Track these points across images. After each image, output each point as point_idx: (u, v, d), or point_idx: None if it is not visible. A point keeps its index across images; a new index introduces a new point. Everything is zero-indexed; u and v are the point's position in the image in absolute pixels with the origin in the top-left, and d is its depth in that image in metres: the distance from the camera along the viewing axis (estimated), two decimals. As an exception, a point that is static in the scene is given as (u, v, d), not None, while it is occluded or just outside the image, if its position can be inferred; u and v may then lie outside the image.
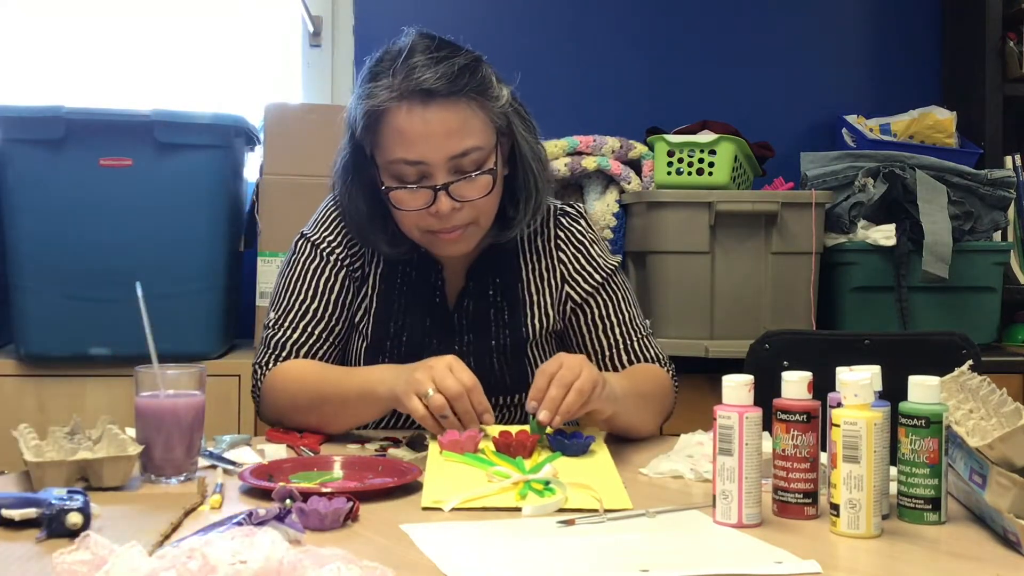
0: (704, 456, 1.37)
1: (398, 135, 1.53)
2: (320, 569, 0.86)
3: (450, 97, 1.52)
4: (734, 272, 2.54)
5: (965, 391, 1.27)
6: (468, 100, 1.54)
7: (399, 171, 1.55)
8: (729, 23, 3.15)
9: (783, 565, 1.00)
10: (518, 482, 1.26)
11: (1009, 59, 2.92)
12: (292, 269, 1.69)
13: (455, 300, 1.68)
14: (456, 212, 1.55)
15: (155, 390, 1.34)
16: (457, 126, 1.53)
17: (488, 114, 1.56)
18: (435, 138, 1.52)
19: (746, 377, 1.16)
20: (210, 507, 1.18)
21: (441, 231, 1.57)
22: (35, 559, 1.00)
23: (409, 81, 1.52)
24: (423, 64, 1.53)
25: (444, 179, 1.54)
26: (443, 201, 1.54)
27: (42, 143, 2.33)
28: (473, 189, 1.56)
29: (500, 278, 1.69)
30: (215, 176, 2.42)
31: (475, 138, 1.55)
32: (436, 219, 1.56)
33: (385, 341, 1.66)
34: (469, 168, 1.55)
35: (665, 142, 2.61)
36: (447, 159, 1.53)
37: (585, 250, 1.72)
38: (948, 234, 2.54)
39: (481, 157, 1.56)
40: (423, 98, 1.52)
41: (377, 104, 1.54)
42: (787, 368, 1.20)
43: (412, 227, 1.59)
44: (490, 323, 1.68)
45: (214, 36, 3.02)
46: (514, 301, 1.69)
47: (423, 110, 1.52)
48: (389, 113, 1.53)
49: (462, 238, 1.59)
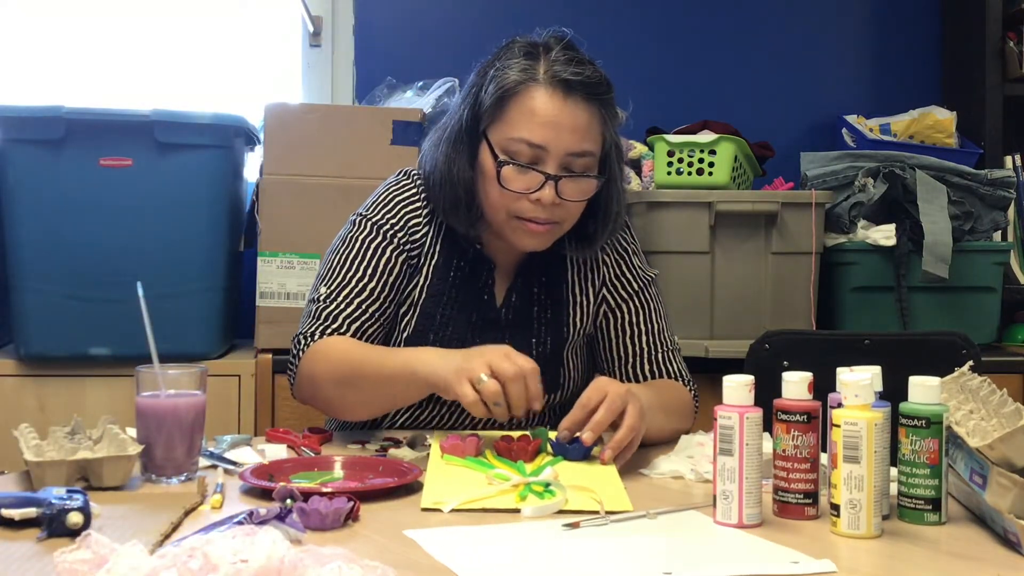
0: (705, 456, 1.37)
1: (530, 115, 1.56)
2: (321, 568, 0.86)
3: (587, 98, 1.58)
4: (734, 272, 2.54)
5: (965, 391, 1.27)
6: (598, 108, 1.60)
7: (516, 149, 1.57)
8: (729, 23, 3.15)
9: (799, 565, 1.00)
10: (518, 484, 1.26)
11: (1009, 59, 2.92)
12: (349, 247, 1.67)
13: (503, 297, 1.69)
14: (553, 207, 1.58)
15: (156, 390, 1.34)
16: (584, 126, 1.58)
17: (606, 129, 1.62)
18: (563, 129, 1.56)
19: (746, 377, 1.16)
20: (211, 507, 1.19)
21: (532, 220, 1.58)
22: (36, 558, 1.00)
23: (552, 68, 1.58)
24: (565, 59, 1.59)
25: (555, 171, 1.57)
26: (548, 190, 1.56)
27: (42, 143, 2.33)
28: (576, 190, 1.59)
29: (546, 277, 1.71)
30: (215, 176, 2.42)
31: (592, 144, 1.59)
32: (532, 206, 1.57)
33: (428, 333, 1.66)
34: (578, 170, 1.58)
35: (665, 142, 2.61)
36: (565, 153, 1.57)
37: (627, 258, 1.75)
38: (948, 234, 2.54)
39: (591, 164, 1.60)
40: (564, 88, 1.57)
41: (515, 81, 1.58)
42: (787, 368, 1.20)
43: (502, 208, 1.59)
44: (533, 321, 1.69)
45: (214, 36, 3.02)
46: (558, 301, 1.71)
47: (563, 99, 1.57)
48: (525, 92, 1.57)
49: (546, 234, 1.61)
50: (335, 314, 1.63)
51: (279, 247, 2.47)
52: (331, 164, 2.50)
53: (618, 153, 1.67)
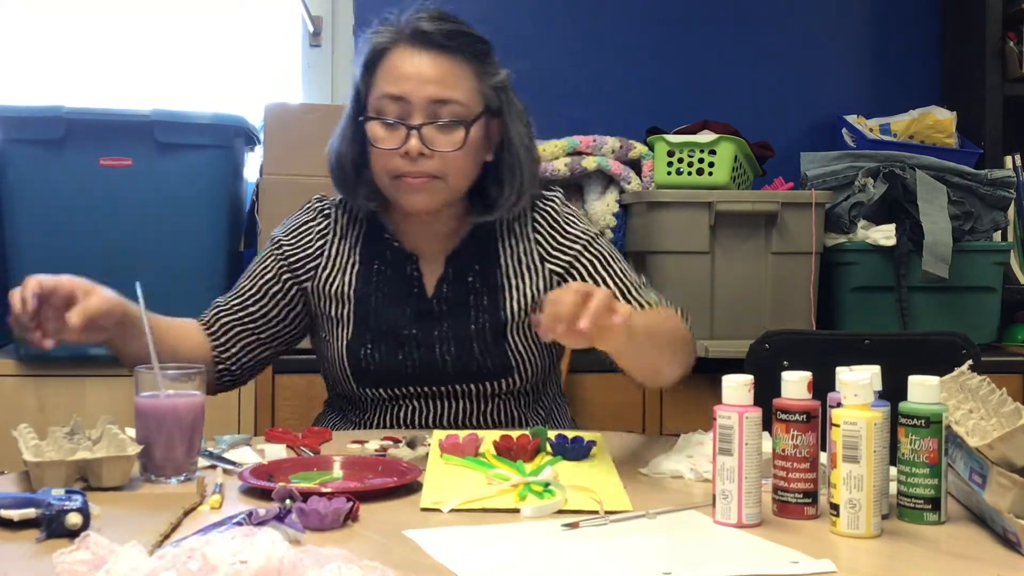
0: (704, 456, 1.37)
1: (389, 70, 1.62)
2: (320, 569, 0.86)
3: (446, 48, 1.61)
4: (734, 272, 2.54)
5: (965, 391, 1.27)
6: (463, 59, 1.63)
7: (382, 107, 1.62)
8: (729, 23, 3.15)
9: (799, 565, 1.00)
10: (518, 484, 1.26)
11: (1009, 59, 2.92)
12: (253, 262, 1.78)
13: (433, 288, 1.70)
14: (425, 158, 1.59)
15: (155, 390, 1.34)
16: (443, 75, 1.61)
17: (479, 82, 1.63)
18: (421, 80, 1.60)
19: (746, 377, 1.16)
20: (210, 507, 1.19)
21: (408, 174, 1.60)
22: (35, 559, 1.00)
23: (411, 25, 1.62)
24: (427, 16, 1.63)
25: (420, 121, 1.59)
26: (413, 141, 1.59)
27: (42, 143, 2.33)
28: (446, 139, 1.61)
29: (479, 264, 1.71)
30: (215, 176, 2.42)
31: (459, 93, 1.62)
32: (404, 161, 1.60)
33: (366, 334, 1.68)
34: (445, 118, 1.60)
35: (665, 142, 2.61)
36: (427, 101, 1.60)
37: (560, 225, 1.73)
38: (948, 234, 2.54)
39: (460, 112, 1.61)
40: (421, 40, 1.61)
41: (377, 43, 1.64)
42: (787, 368, 1.20)
43: (382, 171, 1.63)
44: (469, 308, 1.69)
45: (214, 36, 3.02)
46: (493, 285, 1.70)
47: (418, 51, 1.61)
48: (387, 52, 1.63)
49: (426, 188, 1.61)
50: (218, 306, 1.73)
51: (279, 247, 2.47)
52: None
53: (515, 113, 1.67)
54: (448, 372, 1.67)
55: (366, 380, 1.68)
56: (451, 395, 1.69)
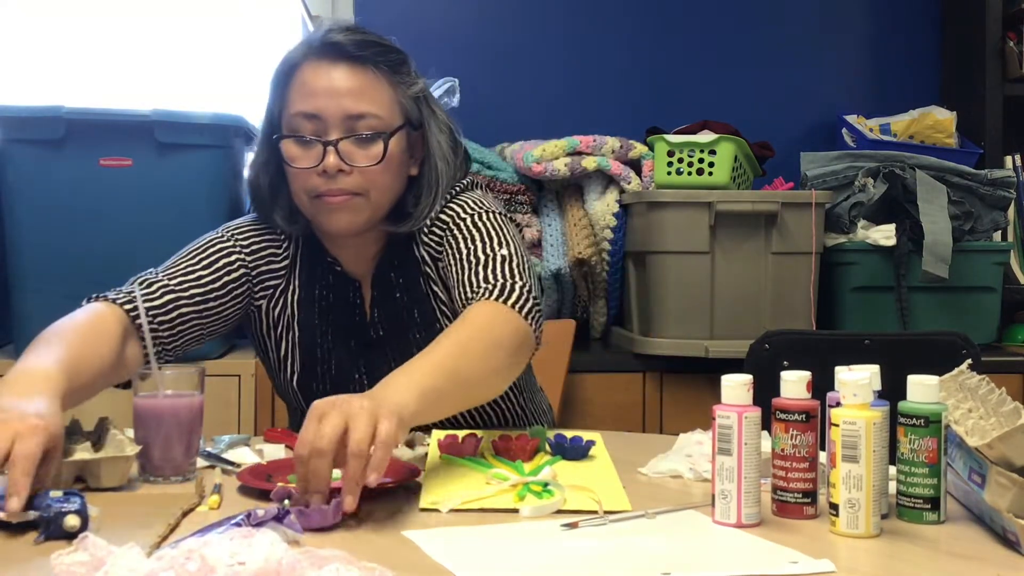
0: (703, 456, 1.37)
1: (301, 87, 1.56)
2: (319, 570, 0.86)
3: (358, 60, 1.55)
4: (734, 272, 2.54)
5: (964, 390, 1.27)
6: (376, 70, 1.56)
7: (296, 124, 1.55)
8: (729, 23, 3.15)
9: (798, 565, 1.00)
10: (517, 484, 1.26)
11: (1009, 59, 2.92)
12: (194, 243, 1.66)
13: (369, 314, 1.65)
14: (344, 176, 1.53)
15: (154, 390, 1.34)
16: (358, 88, 1.54)
17: (395, 93, 1.58)
18: (334, 94, 1.54)
19: (745, 377, 1.16)
20: (208, 507, 1.18)
21: (327, 193, 1.54)
22: (34, 560, 1.00)
23: (322, 40, 1.56)
24: (339, 30, 1.57)
25: (336, 136, 1.53)
26: (331, 157, 1.52)
27: (42, 143, 2.33)
28: (364, 154, 1.54)
29: (402, 278, 1.64)
30: (215, 176, 2.42)
31: (375, 106, 1.55)
32: (323, 180, 1.53)
33: (316, 368, 1.64)
34: (362, 131, 1.54)
35: (665, 142, 2.61)
36: (343, 117, 1.53)
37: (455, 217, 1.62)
38: (948, 234, 2.54)
39: (378, 125, 1.55)
40: (332, 53, 1.55)
41: (289, 61, 1.58)
42: (787, 368, 1.20)
43: (301, 192, 1.56)
44: (404, 326, 1.63)
45: (214, 36, 3.02)
46: (418, 296, 1.63)
47: (330, 66, 1.55)
48: (298, 68, 1.57)
49: (348, 206, 1.54)
50: (152, 282, 1.57)
51: (279, 247, 2.47)
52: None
53: (435, 123, 1.62)
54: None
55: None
56: None
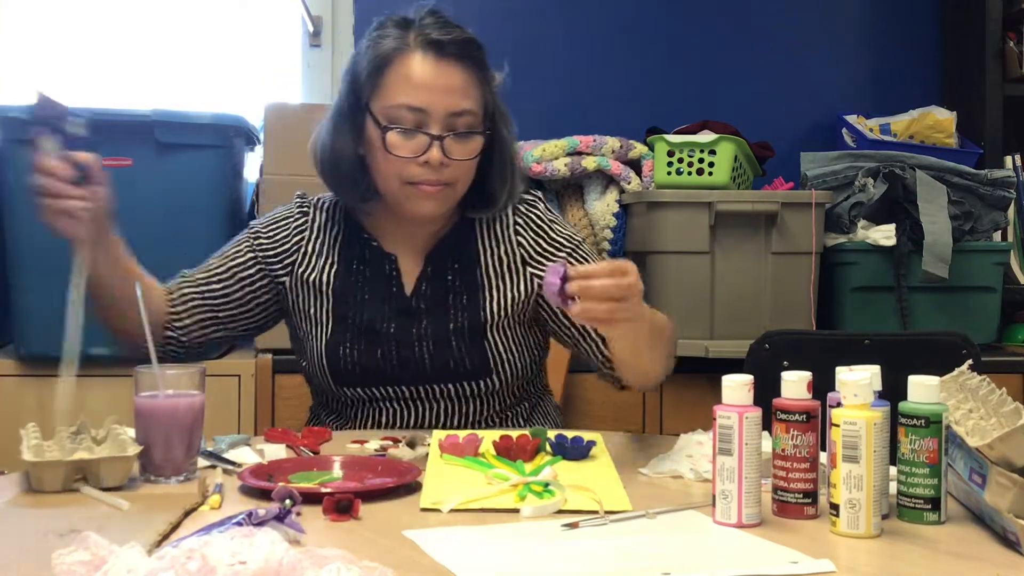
0: (704, 456, 1.37)
1: (405, 80, 1.60)
2: (320, 570, 0.86)
3: (459, 58, 1.62)
4: (734, 272, 2.54)
5: (965, 391, 1.27)
6: (473, 68, 1.63)
7: (398, 116, 1.61)
8: (729, 23, 3.15)
9: (799, 565, 1.00)
10: (517, 484, 1.26)
11: (1009, 59, 2.92)
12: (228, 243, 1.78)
13: (413, 287, 1.70)
14: (443, 167, 1.61)
15: (155, 390, 1.34)
16: (460, 86, 1.62)
17: (483, 89, 1.65)
18: (440, 90, 1.60)
19: (746, 377, 1.16)
20: (209, 507, 1.18)
21: (424, 183, 1.61)
22: (34, 560, 1.00)
23: (423, 33, 1.61)
24: (435, 23, 1.63)
25: (439, 132, 1.60)
26: (435, 151, 1.59)
27: (42, 143, 2.32)
28: (463, 149, 1.62)
29: (458, 263, 1.71)
30: (215, 176, 2.41)
31: (472, 103, 1.63)
32: (422, 169, 1.60)
33: (345, 333, 1.68)
34: (461, 128, 1.62)
35: (665, 142, 2.61)
36: (446, 114, 1.60)
37: (546, 232, 1.75)
38: (948, 234, 2.54)
39: (474, 123, 1.63)
40: (436, 50, 1.61)
41: (389, 49, 1.62)
42: (787, 368, 1.20)
43: (394, 176, 1.62)
44: (448, 306, 1.69)
45: (214, 36, 3.02)
46: (472, 285, 1.70)
47: (435, 60, 1.61)
48: (399, 59, 1.61)
49: (439, 196, 1.63)
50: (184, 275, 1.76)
51: (279, 247, 2.47)
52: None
53: (502, 115, 1.70)
54: (427, 371, 1.66)
55: (345, 379, 1.67)
56: (431, 396, 1.68)
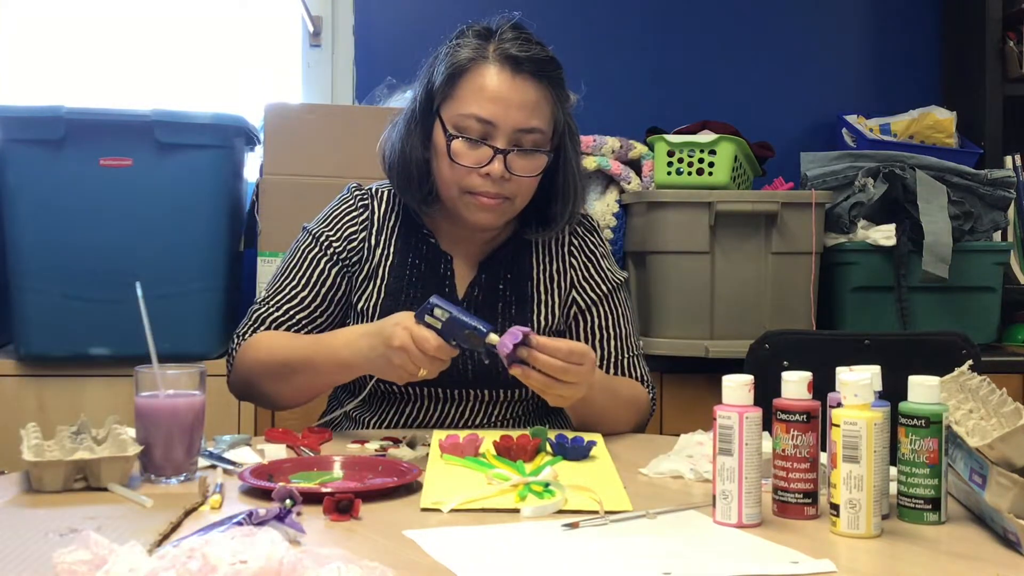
0: (704, 456, 1.37)
1: (479, 91, 1.61)
2: (320, 569, 0.86)
3: (535, 76, 1.62)
4: (734, 272, 2.54)
5: (965, 391, 1.27)
6: (548, 86, 1.63)
7: (465, 125, 1.61)
8: (729, 23, 3.15)
9: (799, 565, 1.00)
10: (518, 484, 1.26)
11: (1009, 59, 2.92)
12: (291, 257, 1.75)
13: (465, 291, 1.71)
14: (503, 181, 1.61)
15: (155, 390, 1.34)
16: (532, 102, 1.62)
17: (556, 108, 1.65)
18: (512, 105, 1.60)
19: (746, 377, 1.16)
20: (210, 507, 1.18)
21: (483, 194, 1.62)
22: (34, 560, 1.00)
23: (502, 47, 1.62)
24: (515, 39, 1.63)
25: (505, 146, 1.60)
26: (497, 164, 1.60)
27: (42, 143, 2.32)
28: (526, 165, 1.63)
29: (511, 273, 1.73)
30: (215, 176, 2.41)
31: (541, 121, 1.63)
32: (483, 181, 1.61)
33: None
34: (528, 145, 1.62)
35: (665, 142, 2.61)
36: (514, 129, 1.61)
37: (596, 261, 1.78)
38: (948, 234, 2.54)
39: (541, 141, 1.64)
40: (513, 65, 1.61)
41: (465, 59, 1.62)
42: (787, 368, 1.20)
43: (454, 183, 1.63)
44: (497, 315, 1.70)
45: (214, 36, 3.02)
46: (523, 297, 1.72)
47: (511, 75, 1.61)
48: (475, 69, 1.62)
49: (497, 209, 1.64)
50: (263, 316, 1.70)
51: (279, 247, 2.47)
52: (331, 164, 2.50)
53: (572, 136, 1.70)
54: (467, 376, 1.67)
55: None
56: (464, 397, 1.70)
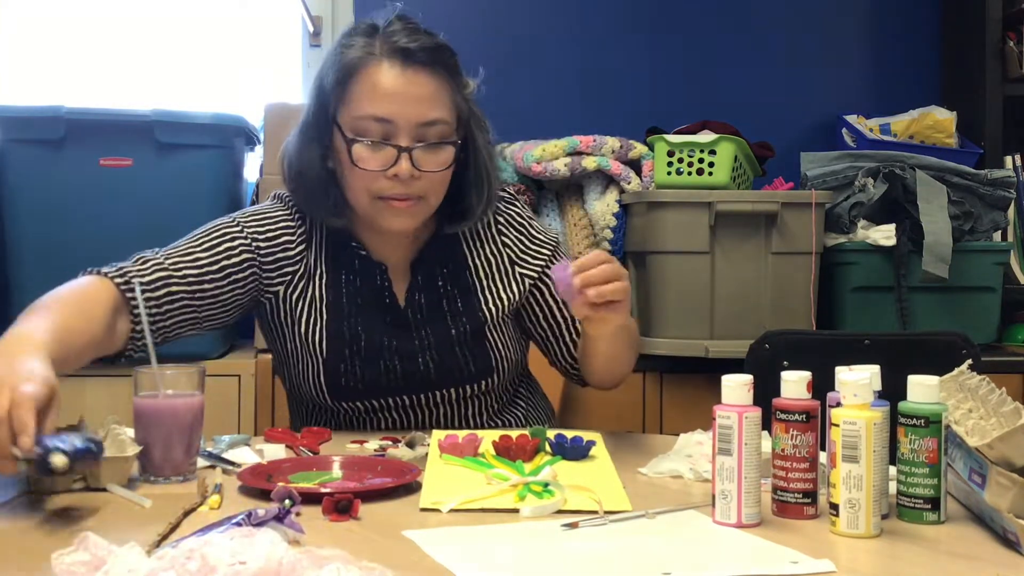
0: (703, 456, 1.37)
1: (371, 90, 1.55)
2: (319, 570, 0.86)
3: (428, 65, 1.56)
4: (734, 272, 2.54)
5: (964, 391, 1.27)
6: (443, 74, 1.58)
7: (364, 127, 1.55)
8: (729, 23, 3.15)
9: (799, 565, 1.00)
10: (517, 484, 1.26)
11: (1009, 59, 2.91)
12: (202, 229, 1.65)
13: (404, 297, 1.68)
14: (413, 180, 1.55)
15: (154, 390, 1.34)
16: (430, 94, 1.56)
17: (455, 96, 1.60)
18: (409, 100, 1.54)
19: (746, 377, 1.16)
20: (209, 507, 1.18)
21: (394, 197, 1.56)
22: (34, 560, 1.00)
23: (390, 41, 1.55)
24: (402, 30, 1.57)
25: (408, 143, 1.55)
26: (404, 163, 1.54)
27: (42, 143, 2.33)
28: (434, 160, 1.57)
29: (447, 268, 1.69)
30: (215, 176, 2.42)
31: (443, 111, 1.57)
32: (391, 183, 1.55)
33: (343, 349, 1.64)
34: (432, 139, 1.57)
35: (665, 142, 2.60)
36: (416, 124, 1.55)
37: (527, 230, 1.75)
38: (948, 234, 2.54)
39: (445, 132, 1.58)
40: (403, 58, 1.55)
41: (354, 58, 1.56)
42: (787, 368, 1.20)
43: (363, 191, 1.57)
44: (444, 313, 1.67)
45: (214, 36, 3.02)
46: (465, 288, 1.69)
47: (402, 69, 1.55)
48: (365, 68, 1.56)
49: (411, 210, 1.58)
50: (147, 259, 1.57)
51: (279, 247, 2.47)
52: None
53: (478, 123, 1.65)
54: (431, 379, 1.65)
55: (344, 395, 1.65)
56: (431, 402, 1.68)
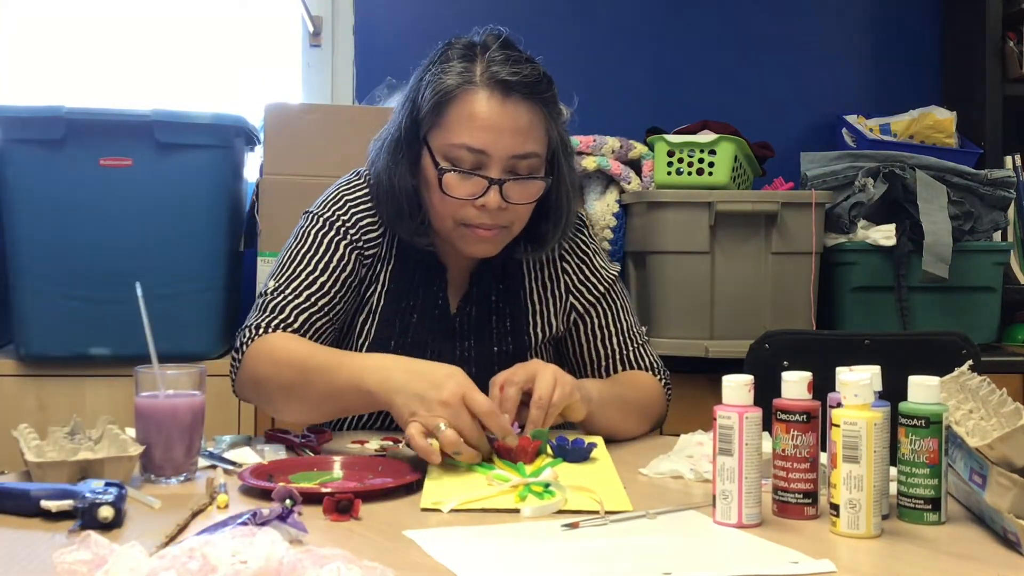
0: (704, 456, 1.37)
1: (469, 119, 1.52)
2: (320, 569, 0.86)
3: (527, 98, 1.54)
4: (734, 272, 2.54)
5: (965, 391, 1.27)
6: (540, 107, 1.56)
7: (457, 155, 1.53)
8: (729, 23, 3.15)
9: (799, 565, 1.00)
10: (518, 485, 1.26)
11: (1009, 59, 2.92)
12: (301, 242, 1.63)
13: (457, 305, 1.67)
14: (500, 211, 1.54)
15: (155, 390, 1.34)
16: (526, 127, 1.54)
17: (549, 128, 1.58)
18: (504, 132, 1.52)
19: (746, 377, 1.16)
20: (217, 507, 1.18)
21: (479, 226, 1.55)
22: (35, 559, 1.00)
23: (490, 70, 1.53)
24: (502, 59, 1.54)
25: (499, 175, 1.53)
26: (493, 195, 1.52)
27: (42, 143, 2.33)
28: (523, 193, 1.56)
29: (503, 284, 1.68)
30: (215, 176, 2.42)
31: (536, 145, 1.56)
32: (478, 212, 1.54)
33: (389, 340, 1.64)
34: (523, 172, 1.55)
35: (665, 142, 2.61)
36: (508, 156, 1.53)
37: (589, 261, 1.73)
38: (948, 234, 2.54)
39: (536, 165, 1.56)
40: (503, 90, 1.52)
41: (452, 85, 1.53)
42: (787, 368, 1.20)
43: (448, 216, 1.56)
44: (491, 329, 1.67)
45: (214, 36, 3.02)
46: (516, 308, 1.69)
47: (501, 101, 1.52)
48: (463, 96, 1.53)
49: (495, 239, 1.58)
50: (282, 305, 1.57)
51: (279, 247, 2.45)
52: (331, 164, 2.49)
53: (565, 151, 1.63)
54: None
55: None
56: None
